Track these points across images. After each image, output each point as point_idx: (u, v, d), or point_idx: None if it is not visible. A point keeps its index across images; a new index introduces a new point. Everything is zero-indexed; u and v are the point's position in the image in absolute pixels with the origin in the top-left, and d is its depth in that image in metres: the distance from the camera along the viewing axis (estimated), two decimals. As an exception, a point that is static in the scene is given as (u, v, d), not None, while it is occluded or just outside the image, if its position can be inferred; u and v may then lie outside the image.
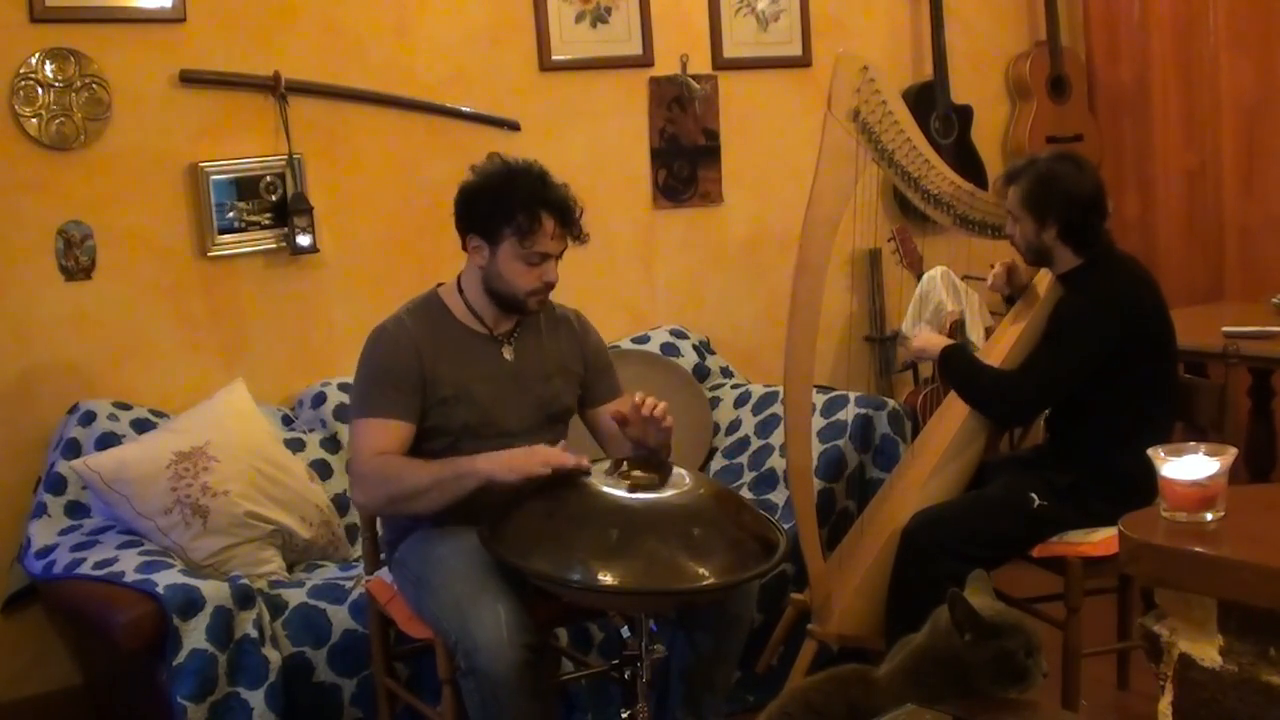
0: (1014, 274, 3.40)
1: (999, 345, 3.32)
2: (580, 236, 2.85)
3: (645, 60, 4.32)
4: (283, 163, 3.74)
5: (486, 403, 2.81)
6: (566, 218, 2.78)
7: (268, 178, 3.73)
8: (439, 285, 2.94)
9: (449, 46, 4.02)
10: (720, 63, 4.44)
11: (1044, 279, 3.32)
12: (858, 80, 3.09)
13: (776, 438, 3.76)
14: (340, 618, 3.08)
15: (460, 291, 2.88)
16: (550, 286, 2.81)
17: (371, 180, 3.91)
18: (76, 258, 3.51)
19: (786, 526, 2.81)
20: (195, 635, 2.84)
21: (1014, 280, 3.41)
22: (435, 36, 3.99)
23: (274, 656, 2.96)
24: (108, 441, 3.36)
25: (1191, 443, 2.10)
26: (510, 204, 2.74)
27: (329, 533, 3.47)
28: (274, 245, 3.76)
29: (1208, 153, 4.75)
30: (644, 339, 4.19)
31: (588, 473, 2.61)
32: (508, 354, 2.88)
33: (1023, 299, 3.38)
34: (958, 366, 3.22)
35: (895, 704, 1.90)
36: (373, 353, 2.83)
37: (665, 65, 4.35)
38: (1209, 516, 2.05)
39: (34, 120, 3.44)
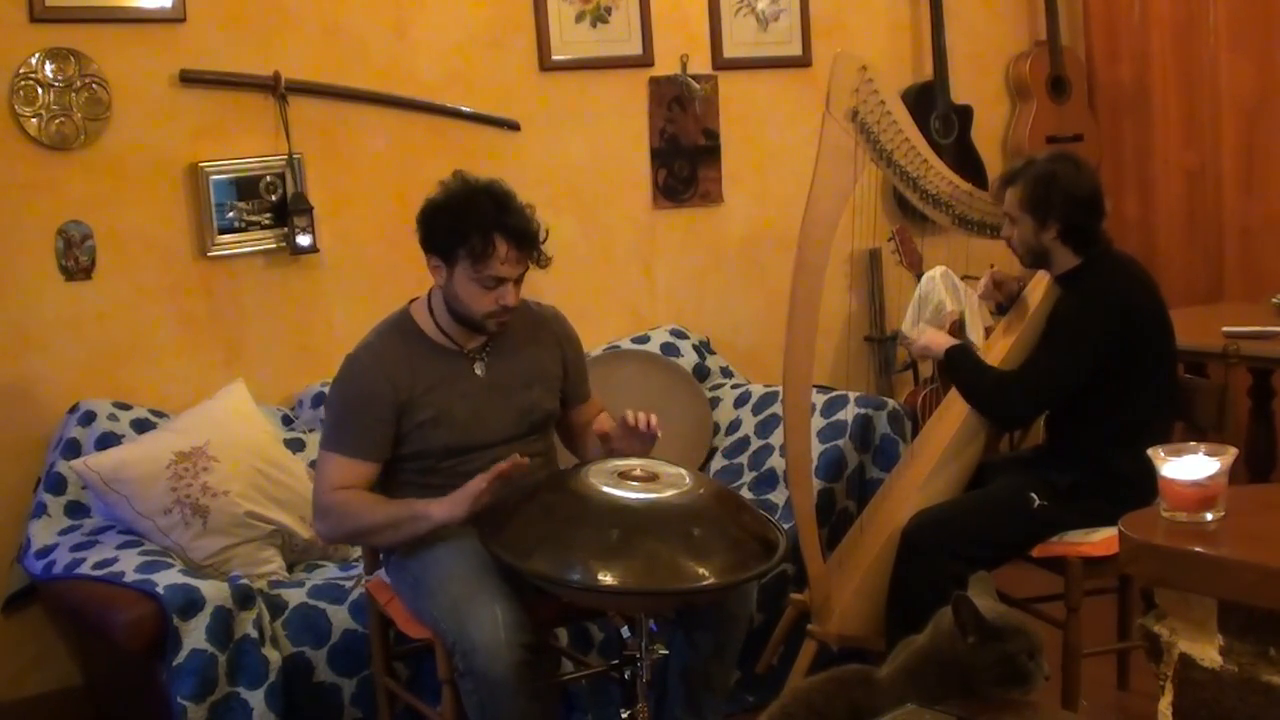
0: (1002, 284, 3.40)
1: (990, 356, 3.30)
2: (541, 261, 2.82)
3: (645, 60, 4.32)
4: (283, 163, 3.74)
5: (465, 420, 2.80)
6: (523, 242, 2.72)
7: (268, 178, 3.73)
8: (412, 301, 2.91)
9: (449, 46, 4.01)
10: (720, 63, 4.44)
11: (1035, 290, 3.30)
12: (856, 80, 3.09)
13: (776, 438, 3.76)
14: (340, 618, 3.08)
15: (430, 310, 2.86)
16: (508, 310, 2.77)
17: (371, 180, 3.91)
18: (76, 258, 3.51)
19: (786, 526, 2.81)
20: (195, 635, 2.84)
21: (1003, 290, 3.40)
22: (435, 36, 3.99)
23: (274, 656, 2.96)
24: (108, 441, 3.36)
25: (1191, 443, 2.10)
26: (465, 226, 2.70)
27: (329, 533, 3.47)
28: (274, 245, 3.76)
29: (1208, 153, 4.75)
30: (644, 339, 4.19)
31: (523, 468, 2.64)
32: (479, 370, 2.85)
33: (1014, 310, 3.37)
34: (962, 367, 3.22)
35: (897, 705, 1.90)
36: (344, 385, 2.81)
37: (665, 65, 4.35)
38: (1209, 516, 2.05)
39: (34, 120, 3.44)
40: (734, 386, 4.13)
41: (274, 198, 3.74)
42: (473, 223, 2.69)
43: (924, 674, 1.94)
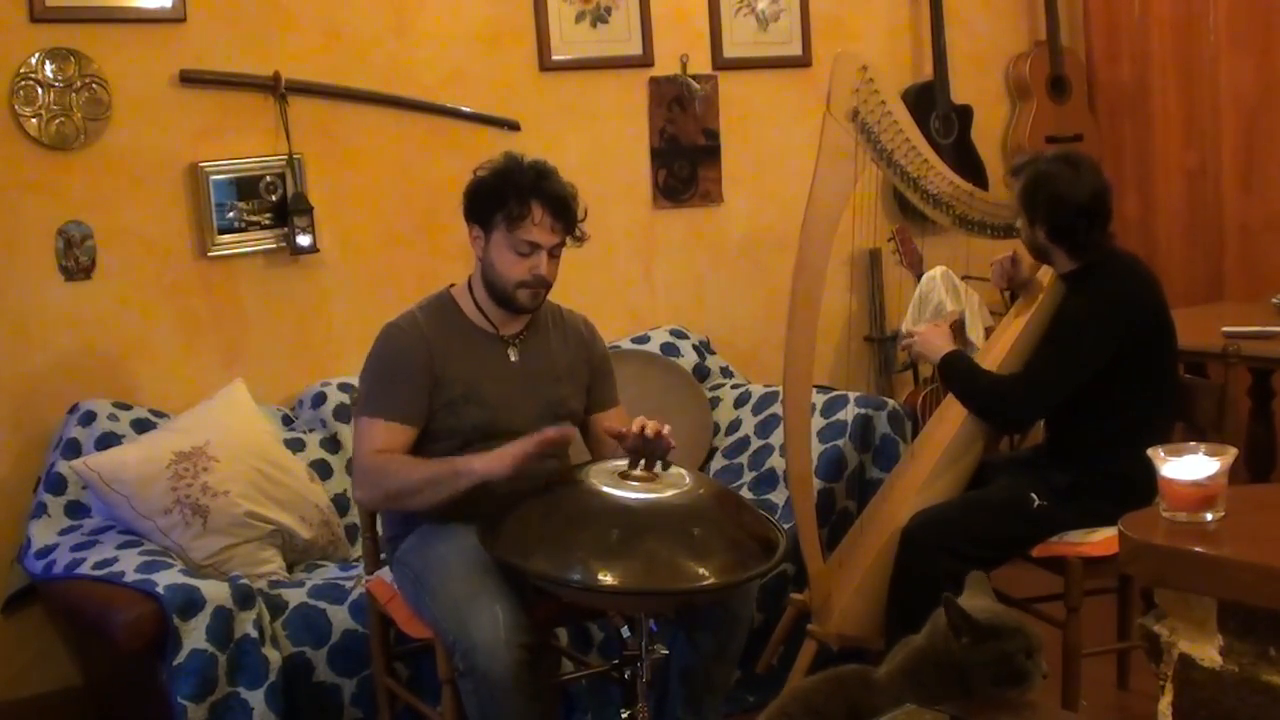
0: (1018, 265, 3.39)
1: (1002, 340, 3.32)
2: (578, 235, 2.86)
3: (645, 60, 4.32)
4: (283, 163, 3.74)
5: (495, 403, 2.81)
6: (559, 209, 2.78)
7: (268, 178, 3.73)
8: (452, 285, 2.95)
9: (449, 46, 4.02)
10: (720, 63, 4.44)
11: (1046, 274, 3.31)
12: (856, 80, 3.09)
13: (776, 438, 3.76)
14: (340, 618, 3.08)
15: (471, 291, 2.89)
16: (542, 281, 2.80)
17: (371, 180, 3.91)
18: (76, 258, 3.51)
19: (786, 526, 2.81)
20: (195, 635, 2.84)
21: (1018, 271, 3.39)
22: (435, 37, 3.99)
23: (274, 656, 2.96)
24: (108, 441, 3.36)
25: (1191, 443, 2.10)
26: (504, 191, 2.77)
27: (329, 533, 3.47)
28: (274, 245, 3.76)
29: (1208, 153, 4.75)
30: (644, 339, 4.19)
31: (569, 440, 2.65)
32: (513, 355, 2.88)
33: (1026, 293, 3.37)
34: (957, 374, 3.21)
35: (895, 705, 1.90)
36: (383, 349, 2.84)
37: (665, 65, 4.35)
38: (1209, 516, 2.04)
39: (34, 120, 3.44)
40: (734, 386, 4.13)
41: (274, 198, 3.74)
42: (511, 187, 2.77)
43: (922, 674, 1.94)
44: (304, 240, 3.74)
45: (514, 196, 2.75)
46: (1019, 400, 3.13)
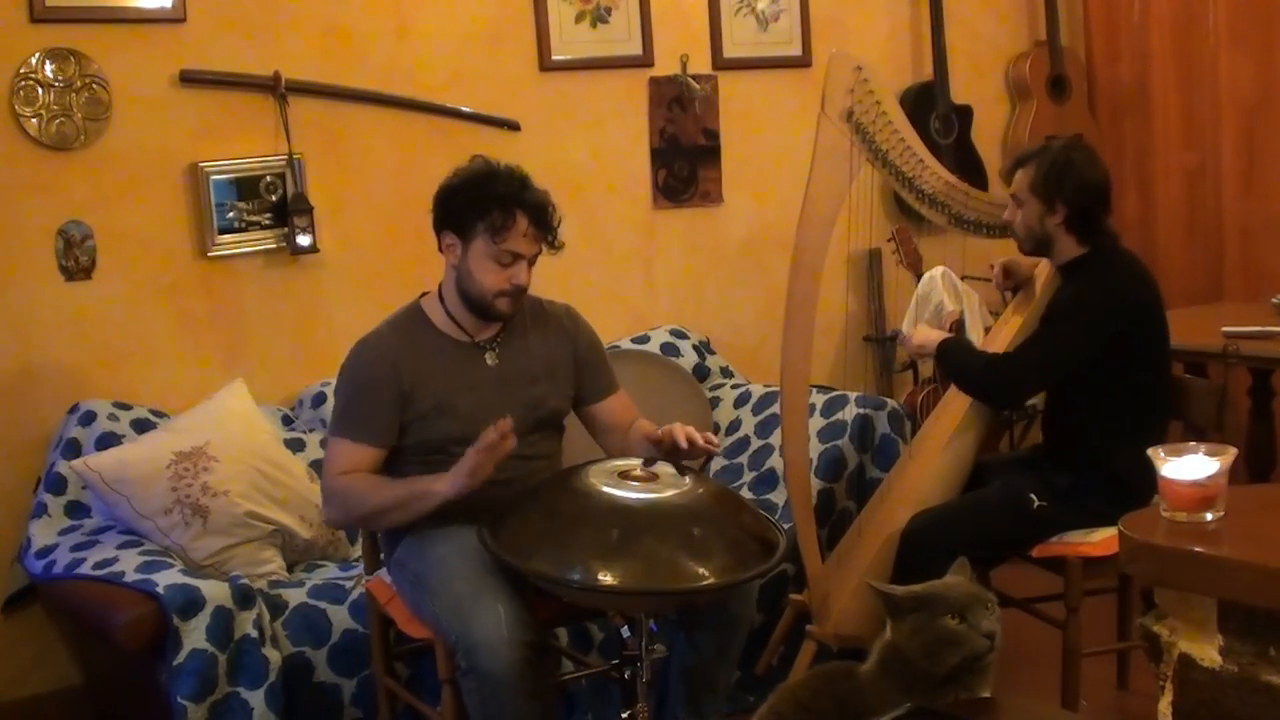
0: (1012, 271, 3.40)
1: (1000, 336, 3.32)
2: (555, 243, 2.83)
3: (645, 60, 4.32)
4: (283, 163, 3.74)
5: (470, 413, 2.78)
6: (541, 220, 2.75)
7: (268, 178, 3.73)
8: (423, 295, 2.92)
9: (449, 47, 4.02)
10: (720, 63, 4.44)
11: (1042, 273, 3.31)
12: (851, 80, 3.09)
13: (776, 438, 3.76)
14: (340, 618, 3.08)
15: (441, 300, 2.87)
16: (519, 289, 2.78)
17: (371, 180, 3.92)
18: (76, 258, 3.51)
19: (786, 526, 2.81)
20: (195, 635, 2.84)
21: (1013, 276, 3.40)
22: (435, 37, 3.99)
23: (274, 656, 2.96)
24: (108, 441, 3.36)
25: (1191, 443, 2.10)
26: (486, 200, 2.73)
27: (329, 533, 3.47)
28: (274, 245, 3.76)
29: (1208, 153, 4.75)
30: (644, 339, 4.19)
31: (508, 434, 2.59)
32: (490, 360, 2.86)
33: (1023, 292, 3.38)
34: (955, 357, 3.22)
35: (877, 698, 1.91)
36: (351, 370, 2.83)
37: (665, 65, 4.35)
38: (1209, 516, 2.05)
39: (34, 120, 3.44)
40: (734, 386, 4.14)
41: (274, 198, 3.74)
42: (494, 196, 2.72)
43: (892, 665, 1.95)
44: (304, 240, 3.74)
45: (498, 206, 2.71)
46: (1012, 374, 3.13)
